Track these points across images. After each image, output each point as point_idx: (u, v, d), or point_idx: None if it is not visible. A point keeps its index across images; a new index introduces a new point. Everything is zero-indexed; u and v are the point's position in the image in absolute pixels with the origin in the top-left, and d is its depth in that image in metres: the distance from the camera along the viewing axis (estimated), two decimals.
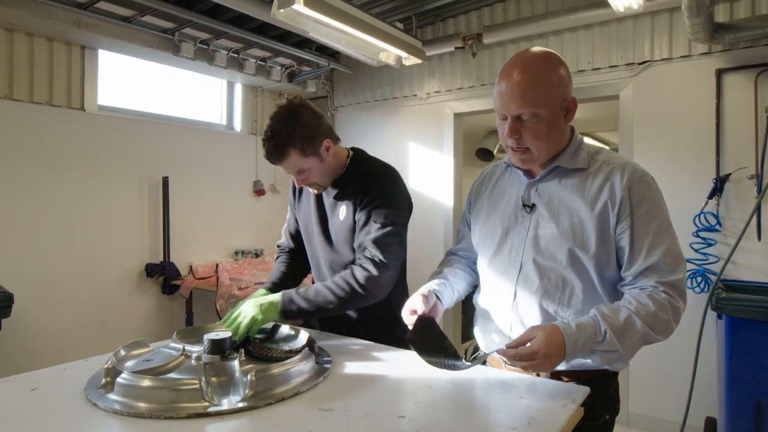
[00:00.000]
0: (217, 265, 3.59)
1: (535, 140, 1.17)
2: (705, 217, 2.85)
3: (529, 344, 1.04)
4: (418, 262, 4.11)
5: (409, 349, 1.33)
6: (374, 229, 1.47)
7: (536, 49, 1.19)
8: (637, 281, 1.15)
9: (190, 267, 3.69)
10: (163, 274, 3.56)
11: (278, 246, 1.88)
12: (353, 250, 1.55)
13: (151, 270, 3.52)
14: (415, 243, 4.04)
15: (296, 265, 1.80)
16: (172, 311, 3.71)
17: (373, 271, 1.42)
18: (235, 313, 1.39)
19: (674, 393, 2.92)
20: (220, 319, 3.32)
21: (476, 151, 6.32)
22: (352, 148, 1.70)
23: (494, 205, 1.34)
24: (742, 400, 2.37)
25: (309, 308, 1.43)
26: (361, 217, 1.51)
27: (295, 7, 2.50)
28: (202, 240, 3.87)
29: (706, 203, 2.85)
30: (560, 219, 1.19)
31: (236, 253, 4.07)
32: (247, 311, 1.36)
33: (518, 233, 1.25)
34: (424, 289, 1.31)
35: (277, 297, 1.44)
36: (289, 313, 1.42)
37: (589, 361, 1.12)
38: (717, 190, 2.84)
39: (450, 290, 1.36)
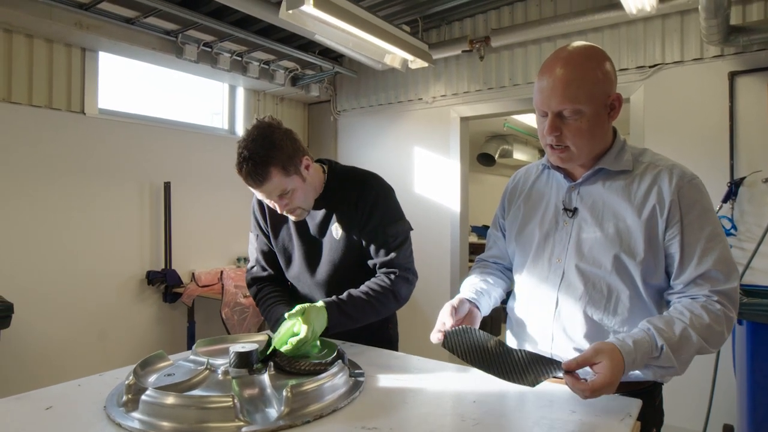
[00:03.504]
0: (221, 272, 3.51)
1: (576, 138, 1.11)
2: (720, 222, 2.81)
3: (592, 373, 0.96)
4: (425, 267, 4.04)
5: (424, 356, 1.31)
6: (395, 247, 1.49)
7: (579, 43, 1.14)
8: (688, 289, 1.09)
9: (192, 274, 3.61)
10: (165, 282, 3.47)
11: (253, 278, 1.68)
12: (351, 267, 1.53)
13: (152, 277, 3.43)
14: (421, 248, 3.98)
15: (286, 293, 1.65)
16: (173, 320, 3.61)
17: (411, 284, 1.53)
18: (305, 340, 1.21)
19: (691, 401, 2.87)
20: (226, 327, 3.20)
21: (477, 156, 6.28)
22: (321, 160, 1.60)
23: (532, 209, 1.27)
24: (764, 406, 2.32)
25: (352, 324, 1.40)
26: (374, 237, 1.50)
27: (304, 8, 2.45)
28: (204, 247, 3.78)
29: (721, 207, 2.81)
30: (605, 224, 1.14)
31: (238, 259, 3.99)
32: (313, 335, 1.23)
33: (560, 239, 1.19)
34: (456, 299, 1.24)
35: (323, 314, 1.32)
36: (332, 330, 1.36)
37: (638, 372, 1.06)
38: (731, 194, 2.80)
39: (487, 297, 1.29)
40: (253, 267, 1.71)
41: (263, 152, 1.34)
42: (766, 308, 2.28)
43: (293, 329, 1.23)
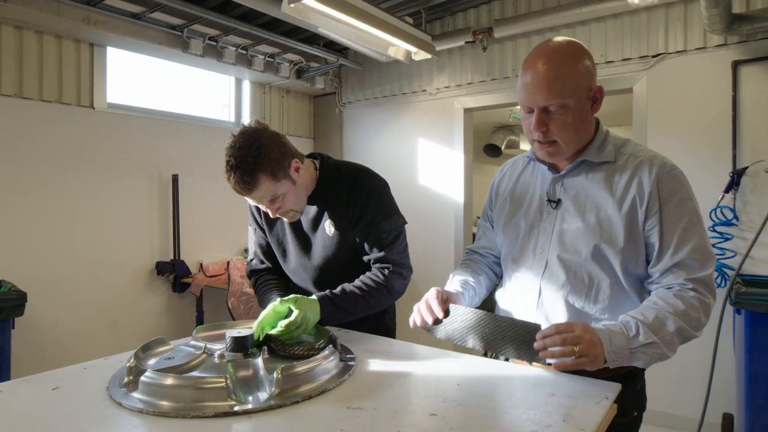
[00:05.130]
0: (228, 263, 3.58)
1: (562, 132, 1.14)
2: (722, 212, 2.82)
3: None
4: (429, 258, 4.10)
5: (421, 343, 1.34)
6: (388, 243, 1.50)
7: (560, 38, 1.16)
8: (664, 277, 1.12)
9: (201, 265, 3.68)
10: (174, 273, 3.55)
11: (252, 270, 1.74)
12: (345, 264, 1.55)
13: (161, 268, 3.52)
14: (425, 239, 4.06)
15: (283, 282, 1.70)
16: (182, 309, 3.70)
17: (406, 279, 1.54)
18: (296, 323, 1.26)
19: (691, 389, 2.89)
20: (232, 317, 3.27)
21: (484, 147, 6.28)
22: (314, 155, 1.62)
23: (517, 200, 1.31)
24: (762, 395, 2.33)
25: (345, 317, 1.43)
26: (367, 233, 1.50)
27: (305, 1, 2.48)
28: (212, 238, 3.86)
29: (723, 197, 2.81)
30: (587, 214, 1.17)
31: (245, 250, 4.06)
32: (304, 321, 1.28)
33: (543, 229, 1.23)
34: (443, 293, 1.26)
35: (316, 306, 1.36)
36: (325, 323, 1.40)
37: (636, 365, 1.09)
38: (734, 184, 2.80)
39: (471, 291, 1.34)
40: (252, 260, 1.75)
41: (251, 159, 1.34)
42: (765, 298, 2.30)
43: (277, 310, 1.29)
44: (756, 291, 2.35)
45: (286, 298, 1.28)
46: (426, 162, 4.07)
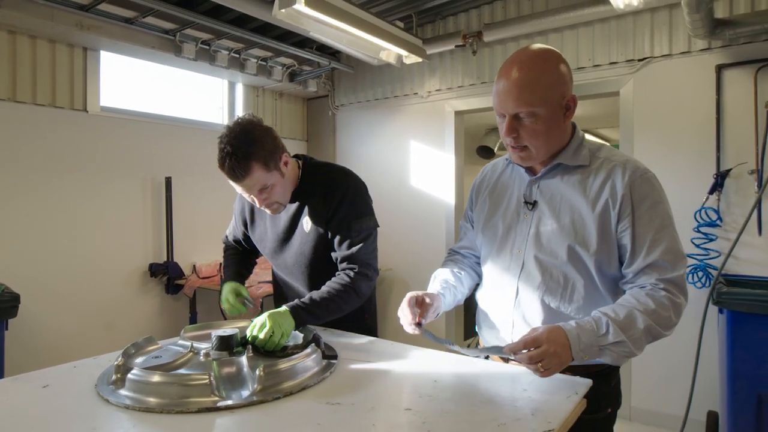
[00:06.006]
0: (220, 264, 3.61)
1: (532, 139, 1.18)
2: (706, 213, 2.87)
3: (533, 349, 1.03)
4: (420, 259, 4.15)
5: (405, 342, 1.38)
6: (357, 242, 1.54)
7: (536, 46, 1.20)
8: (637, 278, 1.16)
9: (194, 266, 3.71)
10: (167, 274, 3.58)
11: (226, 244, 1.97)
12: (322, 259, 1.60)
13: (154, 270, 3.54)
14: (416, 241, 4.09)
15: (246, 256, 1.92)
16: (176, 311, 3.73)
17: (372, 280, 1.56)
18: (266, 329, 1.26)
19: (677, 387, 2.94)
20: (225, 317, 3.32)
21: (477, 148, 6.33)
22: (297, 156, 1.68)
23: (496, 202, 1.35)
24: (744, 393, 2.38)
25: (317, 322, 1.47)
26: (338, 230, 1.55)
27: (296, 6, 2.51)
28: (205, 239, 3.89)
29: (707, 198, 2.86)
30: (561, 216, 1.21)
31: None
32: (280, 330, 1.29)
33: (520, 230, 1.26)
34: (420, 297, 1.28)
35: (288, 316, 1.37)
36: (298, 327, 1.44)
37: (601, 360, 1.13)
38: (717, 186, 2.85)
39: (452, 292, 1.37)
40: (227, 236, 1.96)
41: (245, 147, 1.40)
42: (746, 297, 2.34)
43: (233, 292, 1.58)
44: (737, 291, 2.40)
45: (256, 318, 1.31)
46: (418, 164, 4.11)
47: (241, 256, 1.89)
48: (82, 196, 3.20)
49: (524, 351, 1.04)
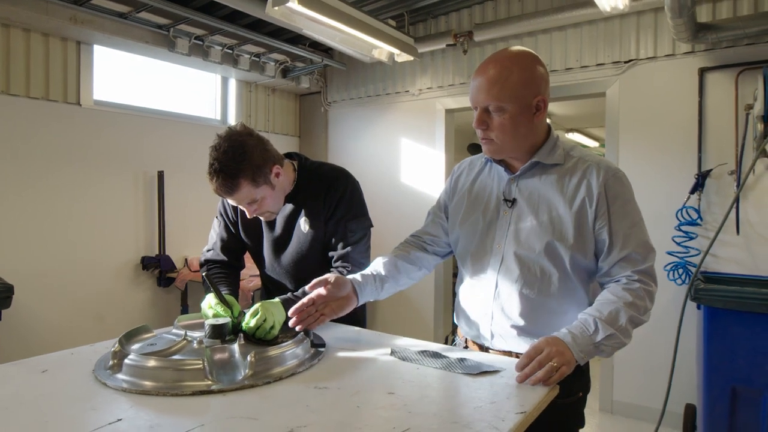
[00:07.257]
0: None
1: (499, 132, 1.25)
2: (687, 212, 2.95)
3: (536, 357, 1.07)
4: None
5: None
6: (353, 242, 1.59)
7: (515, 47, 1.27)
8: (613, 270, 1.24)
9: (186, 260, 3.75)
10: (159, 267, 3.62)
11: (207, 260, 1.78)
12: (318, 258, 1.63)
13: (146, 263, 3.58)
14: (406, 236, 4.12)
15: (234, 278, 1.77)
16: (167, 303, 3.77)
17: None
18: (257, 316, 1.29)
19: (657, 381, 3.03)
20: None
21: (468, 146, 6.40)
22: (290, 155, 1.69)
23: (476, 198, 1.40)
24: (719, 386, 2.47)
25: None
26: (335, 230, 1.60)
27: (289, 4, 2.55)
28: (197, 233, 3.92)
29: (688, 198, 2.94)
30: (540, 213, 1.27)
31: None
32: (272, 318, 1.32)
33: (500, 227, 1.33)
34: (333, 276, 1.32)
35: (280, 307, 1.40)
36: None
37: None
38: (699, 186, 2.93)
39: (377, 285, 1.39)
40: (209, 250, 1.79)
41: (234, 165, 1.43)
42: (723, 294, 2.43)
43: (214, 307, 1.39)
44: (714, 287, 2.48)
45: (251, 308, 1.33)
46: (408, 161, 4.17)
47: (225, 278, 1.72)
48: (75, 189, 3.23)
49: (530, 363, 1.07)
